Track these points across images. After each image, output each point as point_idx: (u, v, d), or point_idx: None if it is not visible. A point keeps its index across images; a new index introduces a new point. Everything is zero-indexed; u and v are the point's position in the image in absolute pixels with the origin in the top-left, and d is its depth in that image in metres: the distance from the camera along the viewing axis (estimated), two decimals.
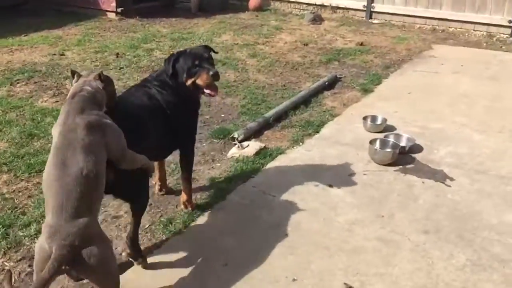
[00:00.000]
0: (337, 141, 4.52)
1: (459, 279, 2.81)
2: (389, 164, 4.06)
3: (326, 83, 5.91)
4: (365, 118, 4.78)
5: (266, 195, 3.62)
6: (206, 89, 3.17)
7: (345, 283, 2.78)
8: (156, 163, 3.47)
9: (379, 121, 4.79)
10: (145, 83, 3.23)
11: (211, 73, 3.10)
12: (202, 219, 3.33)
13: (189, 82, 3.15)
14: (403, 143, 4.33)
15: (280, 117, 4.95)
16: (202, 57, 3.18)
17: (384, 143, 4.25)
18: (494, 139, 4.60)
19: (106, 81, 2.61)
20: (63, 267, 2.09)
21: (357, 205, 3.53)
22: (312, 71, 6.52)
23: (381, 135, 4.52)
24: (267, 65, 6.64)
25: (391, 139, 4.35)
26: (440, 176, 3.92)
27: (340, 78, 6.22)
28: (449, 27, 8.96)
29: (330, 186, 3.76)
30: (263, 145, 4.26)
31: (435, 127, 4.84)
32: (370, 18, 9.68)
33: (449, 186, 3.79)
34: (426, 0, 9.14)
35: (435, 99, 5.54)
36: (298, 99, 5.36)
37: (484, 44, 8.10)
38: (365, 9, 9.71)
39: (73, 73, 2.64)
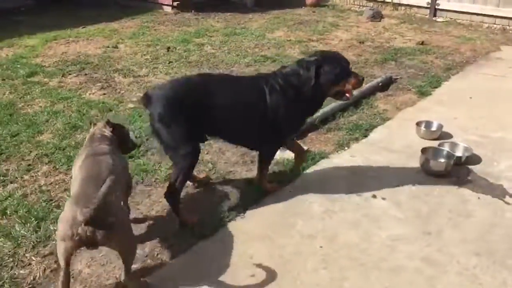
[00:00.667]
0: (386, 147, 4.22)
1: None
2: (442, 176, 3.73)
3: (380, 84, 5.59)
4: (418, 124, 4.45)
5: (304, 201, 3.42)
6: (347, 93, 3.30)
7: None
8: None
9: (434, 128, 4.44)
10: (267, 77, 3.27)
11: (360, 78, 3.28)
12: (233, 223, 3.17)
13: (335, 88, 3.24)
14: (459, 153, 3.98)
15: (327, 119, 4.71)
16: (347, 62, 3.29)
17: (437, 153, 3.92)
18: None
19: (113, 126, 2.97)
20: (87, 231, 2.23)
21: (402, 219, 3.26)
22: (366, 70, 6.19)
23: (435, 143, 4.19)
24: None
25: (446, 148, 4.01)
26: (499, 192, 3.55)
27: (395, 79, 5.87)
28: None
29: (374, 196, 3.50)
30: (306, 147, 4.04)
31: (496, 136, 4.43)
32: (434, 16, 9.16)
33: (509, 203, 3.43)
34: None
35: (499, 106, 5.08)
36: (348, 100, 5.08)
37: None
38: (429, 6, 9.19)
39: (91, 122, 3.10)
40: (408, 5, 9.51)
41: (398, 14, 9.40)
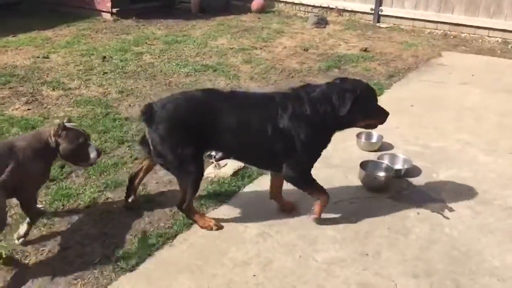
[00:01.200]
0: (325, 162, 4.04)
1: None
2: (381, 191, 3.63)
3: None
4: (359, 135, 4.35)
5: (238, 224, 3.22)
6: (373, 127, 3.35)
7: None
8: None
9: (374, 139, 4.35)
10: (294, 101, 3.01)
11: (387, 114, 3.22)
12: (161, 253, 2.93)
13: (366, 122, 3.19)
14: (398, 165, 3.90)
15: None
16: (376, 95, 3.23)
17: (376, 166, 3.82)
18: (503, 161, 4.14)
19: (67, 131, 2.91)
20: None
21: (339, 240, 3.11)
22: (309, 79, 6.08)
23: (376, 155, 4.09)
24: (262, 72, 6.23)
25: (385, 160, 3.92)
26: (438, 206, 3.48)
27: None
28: (462, 33, 8.47)
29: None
30: (242, 164, 3.85)
31: (436, 146, 4.39)
32: (378, 21, 9.22)
33: (447, 218, 3.35)
34: (437, 4, 8.66)
35: (439, 113, 5.08)
36: None
37: (499, 51, 7.59)
38: (372, 12, 9.25)
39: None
40: (352, 11, 9.53)
41: (343, 20, 9.41)
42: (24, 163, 2.76)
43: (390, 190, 3.65)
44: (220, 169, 3.80)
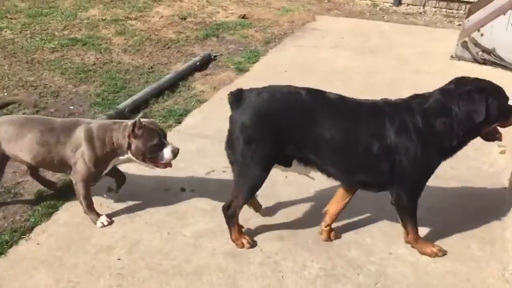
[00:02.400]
0: (199, 133, 4.05)
1: None
2: None
3: (198, 63, 5.40)
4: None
5: (103, 208, 3.08)
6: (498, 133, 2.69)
7: None
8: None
9: None
10: (398, 111, 2.59)
11: None
12: (16, 249, 2.72)
13: (493, 125, 2.63)
14: None
15: (139, 107, 4.38)
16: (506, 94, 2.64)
17: None
18: None
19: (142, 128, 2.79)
20: None
21: (209, 211, 3.11)
22: (186, 49, 5.97)
23: None
24: (136, 44, 5.96)
25: None
26: (303, 169, 3.60)
27: (215, 57, 5.73)
28: None
29: (183, 190, 3.31)
30: None
31: None
32: None
33: (313, 179, 3.49)
34: None
35: (310, 77, 5.22)
36: (162, 84, 4.80)
37: (368, 14, 7.97)
38: None
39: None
40: None
41: None
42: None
43: None
44: None
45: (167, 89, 4.77)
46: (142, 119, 2.80)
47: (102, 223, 2.90)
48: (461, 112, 2.51)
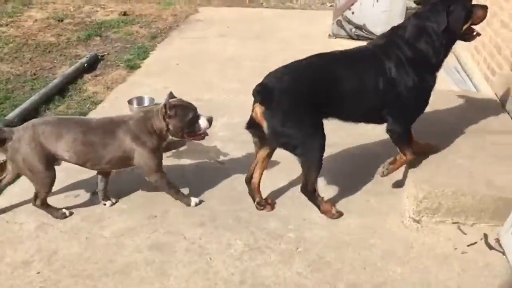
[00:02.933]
0: None
1: (237, 271, 2.61)
2: (166, 149, 3.67)
3: (85, 64, 5.21)
4: (130, 102, 4.29)
5: (11, 224, 2.92)
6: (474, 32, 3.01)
7: None
8: None
9: (146, 102, 4.35)
10: (387, 48, 2.88)
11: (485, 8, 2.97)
12: None
13: (463, 28, 2.92)
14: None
15: (29, 116, 4.12)
16: None
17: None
18: None
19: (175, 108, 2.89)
20: None
21: (126, 210, 3.09)
22: (70, 51, 5.72)
23: None
24: (12, 51, 5.59)
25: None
26: (213, 154, 3.71)
27: (102, 56, 5.57)
28: None
29: (94, 194, 3.23)
30: (3, 158, 3.44)
31: (208, 98, 4.62)
32: None
33: (223, 164, 3.61)
34: None
35: (204, 67, 5.33)
36: (51, 89, 4.58)
37: (247, 1, 8.21)
38: None
39: None
40: None
41: None
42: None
43: (169, 148, 3.72)
44: None
45: (57, 94, 4.57)
46: (170, 100, 2.90)
47: (196, 202, 3.10)
48: (434, 25, 2.85)
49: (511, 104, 3.71)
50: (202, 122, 2.98)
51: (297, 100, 2.73)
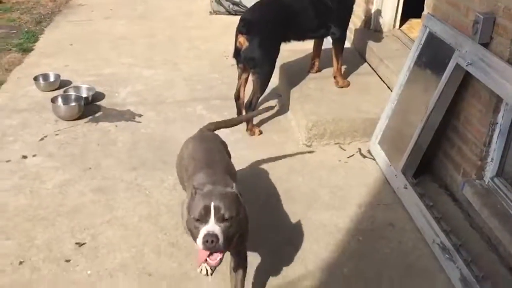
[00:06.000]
0: (13, 109, 4.12)
1: (174, 197, 3.12)
2: (79, 118, 4.00)
3: None
4: (36, 78, 4.48)
5: None
6: None
7: (76, 243, 2.73)
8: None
9: (52, 79, 4.56)
10: None
11: None
12: None
13: None
14: (84, 94, 4.29)
15: None
16: None
17: (66, 98, 4.13)
18: (162, 71, 5.03)
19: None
20: None
21: (60, 166, 3.40)
22: None
23: (60, 92, 4.36)
24: None
25: (72, 92, 4.26)
26: (129, 116, 4.12)
27: None
28: None
29: (24, 157, 3.48)
30: None
31: (108, 72, 4.94)
32: None
33: (140, 122, 4.04)
34: None
35: (98, 46, 5.58)
36: None
37: None
38: None
39: None
40: None
41: None
42: None
43: (86, 115, 4.06)
44: None
45: None
46: None
47: None
48: None
49: (369, 55, 4.67)
50: None
51: (269, 28, 3.64)
